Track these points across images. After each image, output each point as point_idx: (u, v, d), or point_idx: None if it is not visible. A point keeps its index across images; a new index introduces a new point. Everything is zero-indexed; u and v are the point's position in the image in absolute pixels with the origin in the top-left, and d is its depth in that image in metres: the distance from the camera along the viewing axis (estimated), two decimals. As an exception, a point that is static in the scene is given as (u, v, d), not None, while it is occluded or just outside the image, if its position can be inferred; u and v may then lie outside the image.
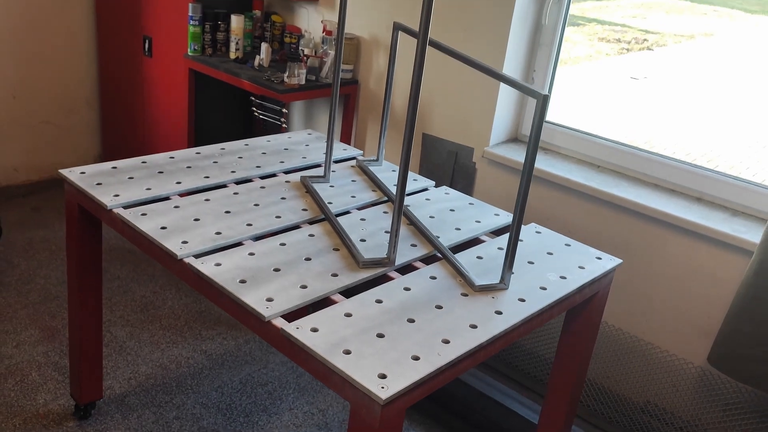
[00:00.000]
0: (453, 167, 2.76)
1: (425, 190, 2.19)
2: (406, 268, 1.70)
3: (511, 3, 2.46)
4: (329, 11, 3.06)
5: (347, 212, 1.96)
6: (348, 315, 1.44)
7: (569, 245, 1.90)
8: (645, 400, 2.36)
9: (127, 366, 2.52)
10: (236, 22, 3.02)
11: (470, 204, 2.09)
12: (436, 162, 2.81)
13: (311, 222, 1.87)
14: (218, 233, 1.72)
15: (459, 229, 1.91)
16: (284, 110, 2.88)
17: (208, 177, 2.03)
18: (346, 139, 3.07)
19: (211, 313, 2.89)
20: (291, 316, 1.46)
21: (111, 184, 1.90)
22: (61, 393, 2.35)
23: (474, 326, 1.46)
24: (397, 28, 2.05)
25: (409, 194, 2.14)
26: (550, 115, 2.71)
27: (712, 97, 7.30)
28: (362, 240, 1.78)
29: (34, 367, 2.45)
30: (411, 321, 1.45)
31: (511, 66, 2.58)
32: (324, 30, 2.92)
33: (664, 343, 2.30)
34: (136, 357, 2.58)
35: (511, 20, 2.48)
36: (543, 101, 1.41)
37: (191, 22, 3.02)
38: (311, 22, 3.14)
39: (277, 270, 1.58)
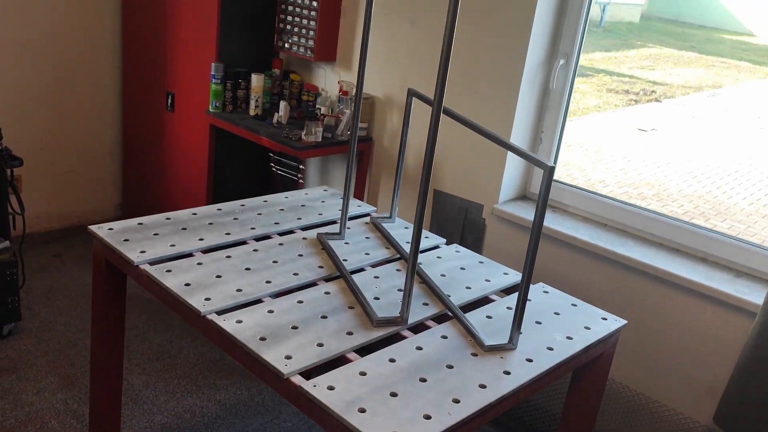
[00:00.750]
0: (463, 223, 2.84)
1: (437, 247, 2.27)
2: (419, 327, 1.77)
3: (519, 68, 2.58)
4: (345, 72, 3.20)
5: (362, 269, 2.04)
6: (363, 374, 1.51)
7: (575, 305, 1.96)
8: (653, 457, 2.39)
9: (143, 415, 2.58)
10: (256, 81, 3.15)
11: (480, 262, 2.16)
12: (447, 217, 2.90)
13: (327, 279, 1.95)
14: (239, 290, 1.80)
15: (469, 288, 1.98)
16: (301, 166, 2.99)
17: (229, 234, 2.12)
18: (359, 194, 3.17)
19: (226, 363, 2.95)
20: (307, 373, 1.53)
21: (137, 240, 1.99)
22: (79, 441, 2.40)
23: (483, 386, 1.52)
24: (411, 94, 2.16)
25: (420, 252, 2.21)
26: (559, 172, 2.80)
27: (720, 150, 7.38)
28: (376, 298, 1.85)
29: (53, 415, 2.51)
30: (423, 380, 1.52)
31: (520, 127, 2.68)
32: (340, 90, 3.05)
33: (670, 402, 2.33)
34: (152, 406, 2.64)
35: (520, 85, 2.59)
36: (549, 173, 1.50)
37: (213, 80, 3.16)
38: (328, 82, 3.28)
39: (295, 327, 1.66)
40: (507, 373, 1.59)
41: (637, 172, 6.50)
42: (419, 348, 1.64)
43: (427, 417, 1.40)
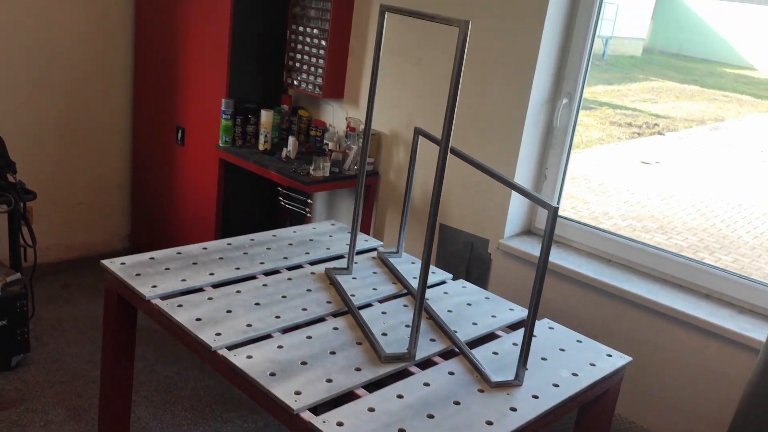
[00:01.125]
0: (469, 257, 2.87)
1: (443, 283, 2.30)
2: (426, 363, 1.79)
3: (523, 107, 2.63)
4: (353, 108, 3.26)
5: (369, 305, 2.07)
6: (371, 410, 1.53)
7: (580, 341, 1.99)
8: (659, 494, 2.38)
9: (150, 448, 2.59)
10: (266, 116, 3.22)
11: (486, 298, 2.19)
12: (453, 251, 2.93)
13: (335, 314, 1.98)
14: (249, 325, 1.83)
15: (476, 324, 2.01)
16: (309, 200, 3.04)
17: (238, 268, 2.16)
18: (365, 227, 3.21)
19: (232, 395, 2.97)
20: (316, 408, 1.55)
21: (149, 275, 2.03)
22: (86, 474, 2.41)
23: (490, 423, 1.54)
24: (418, 132, 2.21)
25: (427, 287, 2.24)
26: (563, 205, 2.84)
27: (723, 184, 7.42)
28: (384, 334, 1.88)
29: (61, 447, 2.52)
30: (430, 417, 1.54)
31: (525, 164, 2.73)
32: (348, 126, 3.11)
33: (676, 437, 2.34)
34: (159, 438, 2.65)
35: (524, 123, 2.64)
36: (554, 213, 1.53)
37: (224, 116, 3.23)
38: (336, 118, 3.34)
39: (304, 363, 1.68)
40: (513, 409, 1.61)
41: (641, 204, 6.54)
42: (427, 384, 1.66)
43: (435, 454, 1.42)
